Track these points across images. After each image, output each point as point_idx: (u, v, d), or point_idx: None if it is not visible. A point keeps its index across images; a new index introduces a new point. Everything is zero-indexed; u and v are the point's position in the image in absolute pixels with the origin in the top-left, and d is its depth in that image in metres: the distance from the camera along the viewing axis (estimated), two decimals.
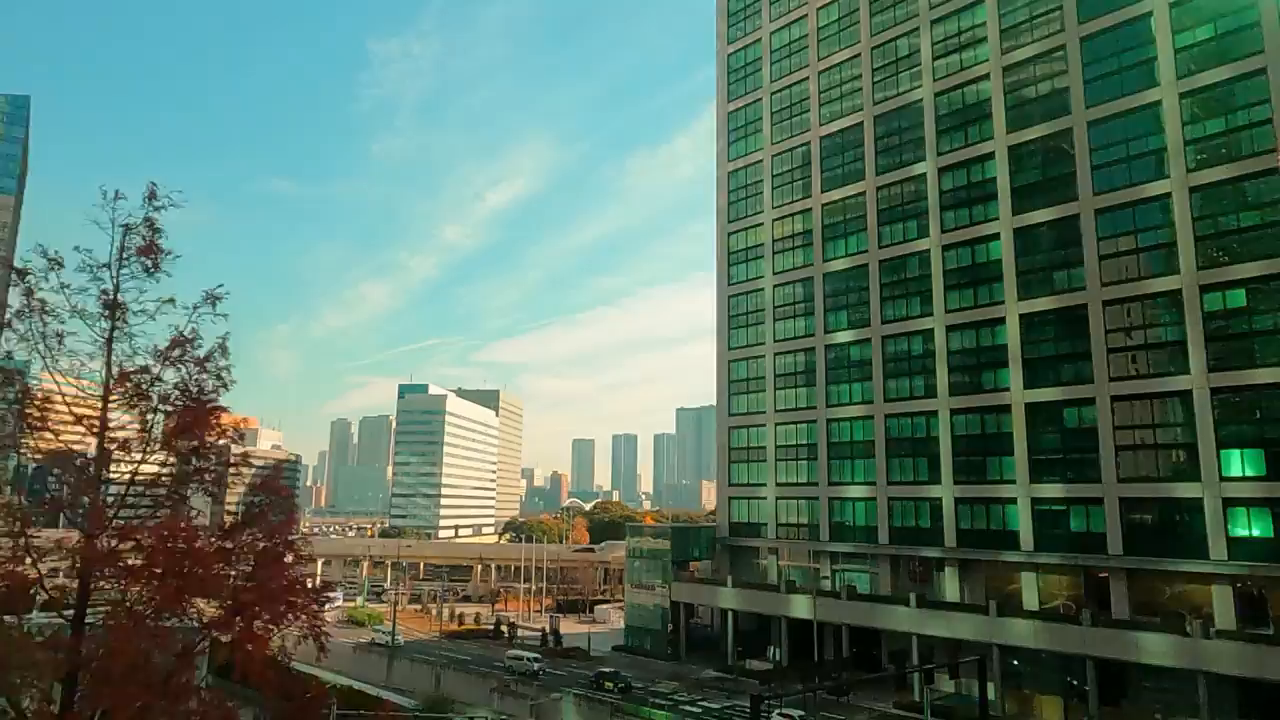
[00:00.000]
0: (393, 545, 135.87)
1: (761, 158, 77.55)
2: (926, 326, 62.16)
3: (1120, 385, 51.58)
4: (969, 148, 61.58)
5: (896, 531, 62.30)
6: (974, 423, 58.87)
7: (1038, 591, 54.47)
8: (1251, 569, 45.40)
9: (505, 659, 65.34)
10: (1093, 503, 52.05)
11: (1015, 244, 57.96)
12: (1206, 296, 48.86)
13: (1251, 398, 46.93)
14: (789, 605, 62.47)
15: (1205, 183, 49.59)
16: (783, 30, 77.75)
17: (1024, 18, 59.84)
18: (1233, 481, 46.64)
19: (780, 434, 71.93)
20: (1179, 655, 43.82)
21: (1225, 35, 50.17)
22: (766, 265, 75.29)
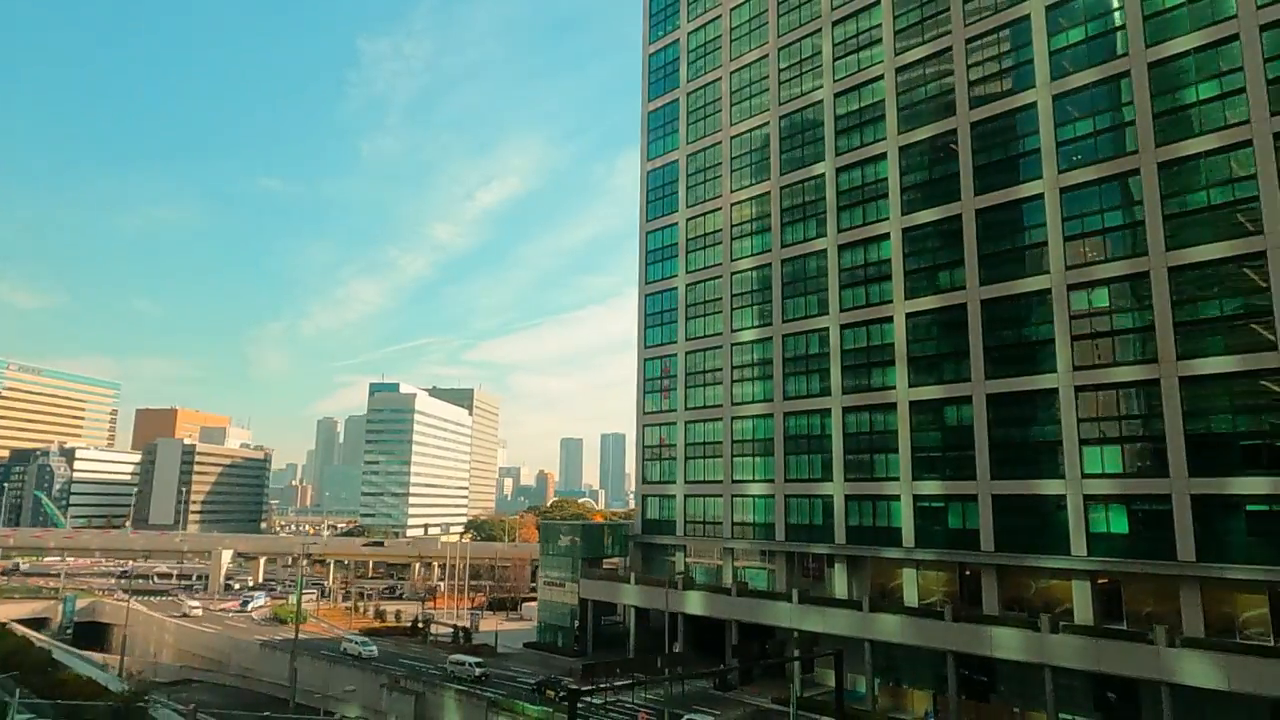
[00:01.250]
0: (336, 543, 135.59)
1: (677, 157, 78.02)
2: (822, 325, 62.71)
3: (994, 384, 52.21)
4: (864, 148, 62.14)
5: (792, 529, 62.85)
6: (863, 421, 59.45)
7: (917, 587, 55.07)
8: (1109, 564, 46.05)
9: (448, 664, 62.31)
10: (968, 500, 52.67)
11: (904, 244, 58.55)
12: (1073, 295, 49.50)
13: (1112, 396, 47.54)
14: (684, 601, 62.92)
15: (1074, 183, 50.22)
16: (699, 31, 78.22)
17: (916, 19, 60.41)
18: (1093, 478, 47.29)
19: (690, 432, 72.42)
20: (1028, 650, 44.44)
21: (1094, 38, 50.81)
22: (680, 265, 75.77)
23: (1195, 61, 46.51)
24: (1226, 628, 42.35)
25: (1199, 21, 46.47)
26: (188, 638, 78.53)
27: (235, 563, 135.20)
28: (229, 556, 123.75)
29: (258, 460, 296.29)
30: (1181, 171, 46.14)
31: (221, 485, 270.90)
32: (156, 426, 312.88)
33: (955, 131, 56.57)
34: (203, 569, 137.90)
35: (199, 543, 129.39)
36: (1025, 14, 53.96)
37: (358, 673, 60.75)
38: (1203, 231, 44.93)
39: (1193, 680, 38.93)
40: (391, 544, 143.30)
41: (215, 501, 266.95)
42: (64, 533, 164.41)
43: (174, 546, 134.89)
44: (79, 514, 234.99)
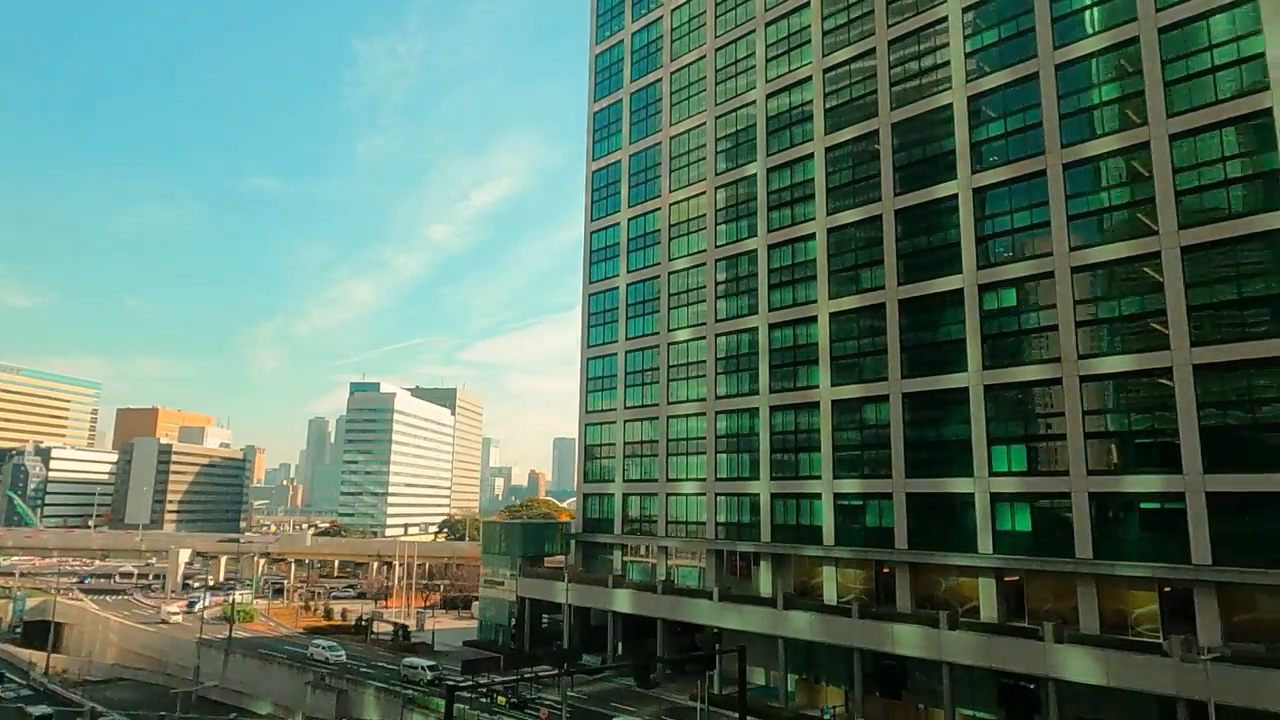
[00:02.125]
0: (297, 541, 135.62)
1: (620, 158, 78.31)
2: (752, 325, 63.05)
3: (910, 383, 52.61)
4: (793, 148, 62.50)
5: (722, 527, 63.18)
6: (789, 420, 59.82)
7: (836, 585, 55.43)
8: (1012, 562, 46.46)
9: (401, 667, 61.50)
10: (884, 498, 53.06)
11: (828, 244, 58.92)
12: (984, 296, 49.92)
13: (1018, 395, 47.97)
14: (613, 599, 63.21)
15: (986, 184, 50.64)
16: (642, 31, 78.53)
17: (843, 20, 60.80)
18: (999, 477, 47.71)
19: (628, 431, 72.71)
20: (927, 647, 44.88)
21: (1006, 40, 51.23)
22: (621, 264, 76.07)
23: (1099, 64, 46.95)
24: (1120, 624, 42.76)
25: (1103, 24, 46.90)
26: (130, 637, 78.58)
27: (200, 563, 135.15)
28: (186, 556, 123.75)
29: (236, 460, 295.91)
30: (1085, 172, 46.58)
31: (200, 485, 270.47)
32: (138, 426, 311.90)
33: (878, 132, 56.97)
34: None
35: (156, 542, 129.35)
36: (944, 15, 54.36)
37: (285, 670, 60.86)
38: (1103, 232, 45.38)
39: (1076, 676, 39.39)
40: (350, 542, 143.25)
41: (193, 501, 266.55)
42: (25, 532, 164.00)
43: (133, 546, 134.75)
44: (54, 514, 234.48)
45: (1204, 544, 39.77)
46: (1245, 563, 38.45)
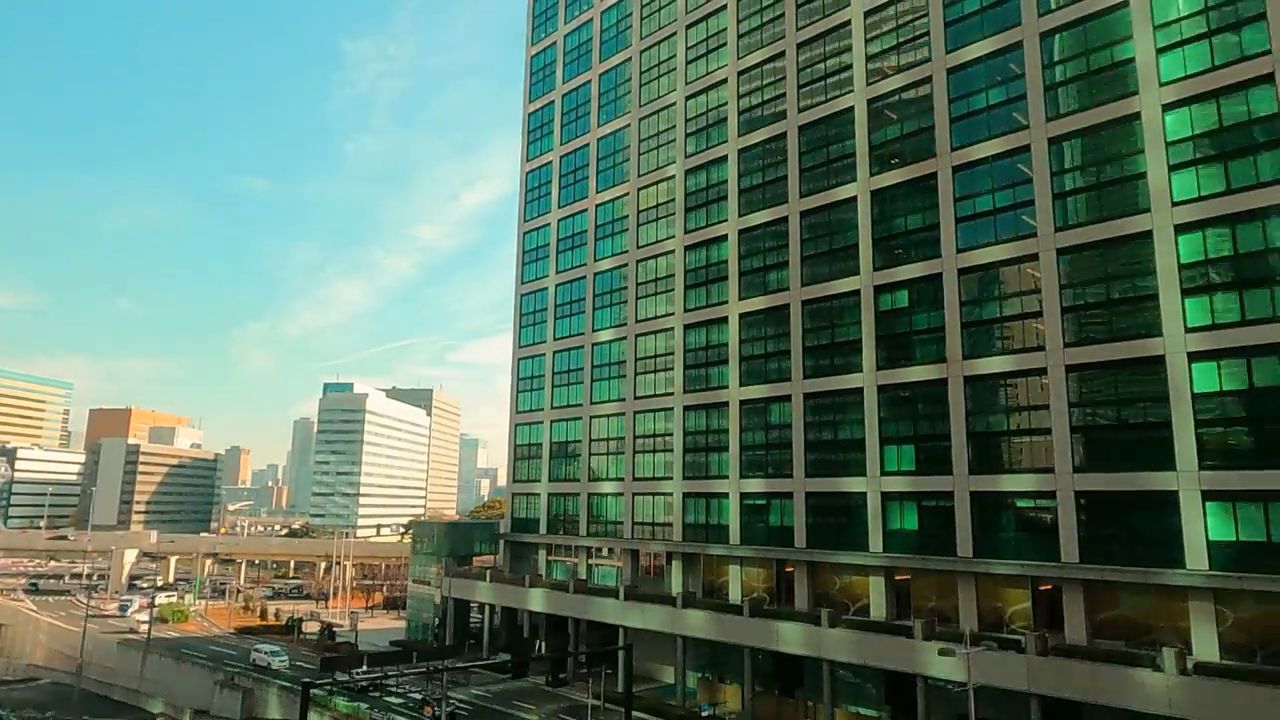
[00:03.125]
0: (246, 541, 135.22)
1: (552, 159, 78.57)
2: (669, 325, 63.40)
3: (811, 383, 53.03)
4: (709, 150, 62.88)
5: (638, 526, 63.45)
6: (700, 420, 60.18)
7: (741, 584, 55.80)
8: (898, 560, 46.92)
9: (336, 674, 58.81)
10: (786, 497, 53.44)
11: (739, 245, 59.32)
12: (880, 297, 50.39)
13: (908, 395, 48.43)
14: (529, 599, 63.43)
15: (883, 186, 51.12)
16: (574, 33, 78.82)
17: (756, 24, 61.23)
18: (890, 476, 48.17)
19: (554, 431, 72.94)
20: (808, 644, 45.25)
21: (903, 44, 51.72)
22: (551, 264, 76.33)
23: (986, 68, 47.48)
24: (996, 622, 43.28)
25: (991, 29, 47.43)
26: (58, 637, 78.38)
27: (148, 563, 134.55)
28: (132, 556, 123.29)
29: (207, 461, 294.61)
30: (972, 175, 47.09)
31: (169, 486, 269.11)
32: (111, 426, 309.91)
33: (786, 135, 57.40)
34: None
35: (102, 542, 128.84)
36: (847, 19, 54.84)
37: (197, 670, 60.82)
38: (988, 234, 45.90)
39: (940, 673, 39.79)
40: (296, 541, 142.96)
41: (163, 502, 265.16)
42: None
43: (79, 547, 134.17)
44: (20, 515, 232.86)
45: (1073, 542, 40.28)
46: (1109, 561, 38.98)
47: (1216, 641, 35.90)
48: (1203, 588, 36.24)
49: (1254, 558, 35.23)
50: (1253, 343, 36.17)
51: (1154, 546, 37.82)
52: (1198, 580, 36.08)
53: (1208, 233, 38.24)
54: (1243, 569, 35.21)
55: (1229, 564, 35.67)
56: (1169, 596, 37.74)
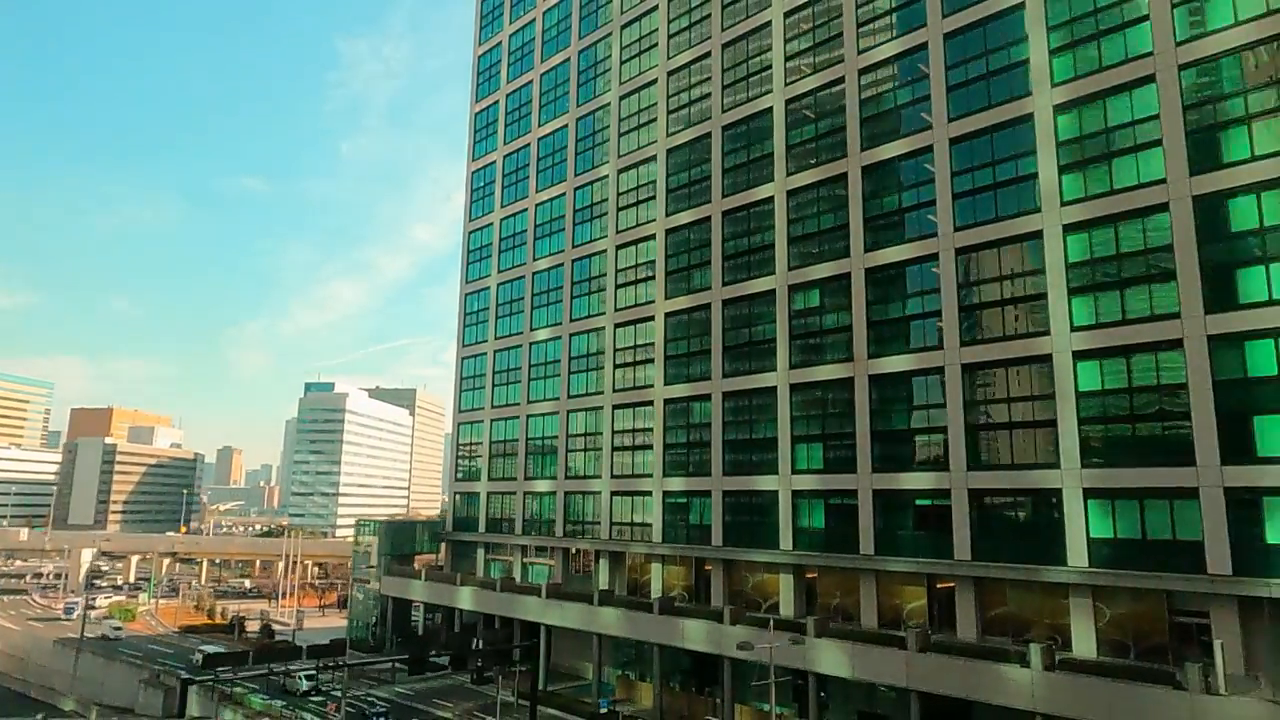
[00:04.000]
0: (206, 541, 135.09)
1: (496, 159, 78.71)
2: (600, 325, 63.61)
3: (729, 382, 53.28)
4: (640, 150, 63.11)
5: (570, 525, 63.63)
6: (628, 418, 60.38)
7: (662, 582, 56.02)
8: (806, 558, 47.21)
9: (285, 680, 58.52)
10: (705, 496, 53.67)
11: (666, 245, 59.54)
12: (794, 296, 50.66)
13: (818, 394, 48.68)
14: (458, 597, 63.59)
15: (798, 186, 51.40)
16: (518, 33, 79.01)
17: (685, 24, 61.45)
18: (800, 474, 48.43)
19: (494, 430, 73.09)
20: (710, 642, 45.47)
21: (820, 44, 51.98)
22: (493, 264, 76.48)
23: (895, 68, 47.78)
24: (895, 619, 43.55)
25: (899, 29, 47.73)
26: (2, 636, 78.26)
27: (119, 562, 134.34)
28: (89, 556, 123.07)
29: (186, 460, 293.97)
30: (881, 175, 47.38)
31: (148, 485, 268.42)
32: (92, 426, 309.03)
33: (711, 134, 57.64)
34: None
35: (59, 541, 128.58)
36: (768, 20, 55.08)
37: (124, 669, 60.89)
38: (893, 234, 46.18)
39: (828, 669, 40.11)
40: (252, 541, 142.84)
41: (141, 501, 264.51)
42: None
43: (38, 545, 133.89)
44: None
45: (965, 540, 40.56)
46: (999, 558, 39.28)
47: (1094, 637, 36.23)
48: (1081, 584, 36.58)
49: (1130, 555, 35.55)
50: (1132, 341, 36.50)
51: (1040, 544, 38.11)
52: (1075, 577, 36.43)
53: (1093, 233, 38.57)
54: (1119, 566, 35.54)
55: (1107, 561, 35.99)
56: (1052, 593, 38.05)
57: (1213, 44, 35.91)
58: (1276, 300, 33.02)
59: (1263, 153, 34.08)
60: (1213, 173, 35.19)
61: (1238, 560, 32.65)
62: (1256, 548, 32.42)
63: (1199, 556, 33.47)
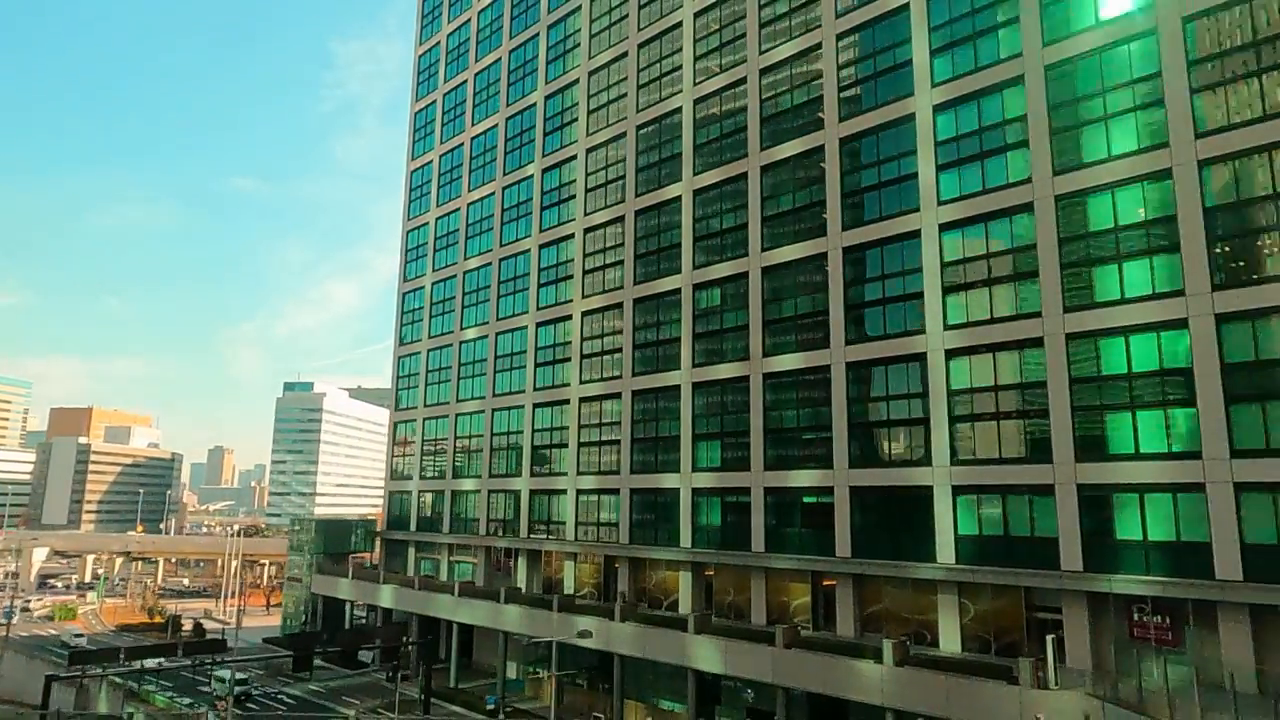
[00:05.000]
0: (162, 540, 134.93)
1: (433, 158, 78.85)
2: (523, 324, 63.79)
3: (638, 380, 53.49)
4: (563, 149, 63.31)
5: (492, 523, 63.79)
6: (546, 417, 60.58)
7: (575, 580, 56.22)
8: (700, 556, 47.44)
9: (212, 680, 58.04)
10: (614, 493, 53.89)
11: (584, 243, 59.75)
12: (698, 294, 50.90)
13: (718, 392, 48.91)
14: (379, 595, 63.71)
15: (703, 186, 51.63)
16: (456, 32, 79.18)
17: (606, 24, 61.68)
18: (700, 472, 48.67)
19: (426, 429, 73.22)
20: (600, 638, 45.59)
21: (726, 45, 52.23)
22: (429, 263, 76.62)
23: (793, 69, 48.04)
24: (783, 616, 43.79)
25: (798, 30, 47.97)
26: None
27: (73, 561, 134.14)
28: (43, 555, 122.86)
29: (163, 460, 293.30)
30: (778, 175, 47.64)
31: (124, 485, 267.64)
32: (71, 426, 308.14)
33: (626, 134, 57.87)
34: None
35: (12, 540, 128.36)
36: (679, 20, 55.33)
37: (42, 665, 60.87)
38: (788, 233, 46.45)
39: (705, 665, 40.33)
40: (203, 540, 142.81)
41: (117, 501, 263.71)
42: None
43: None
44: None
45: (846, 538, 40.84)
46: (876, 555, 39.56)
47: (959, 633, 36.53)
48: (948, 581, 36.88)
49: (993, 552, 35.86)
50: (998, 340, 36.80)
51: (914, 541, 38.39)
52: (940, 574, 36.73)
53: (966, 232, 38.87)
54: (983, 563, 35.84)
55: (972, 558, 36.30)
56: (923, 590, 38.32)
57: (1075, 45, 36.21)
58: (1128, 298, 33.32)
59: (1119, 152, 34.39)
60: (1074, 172, 35.49)
61: (1088, 557, 32.97)
62: (1106, 544, 32.75)
63: (1055, 553, 33.78)
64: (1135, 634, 32.09)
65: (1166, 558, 31.17)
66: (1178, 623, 31.26)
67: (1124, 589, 31.69)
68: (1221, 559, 29.67)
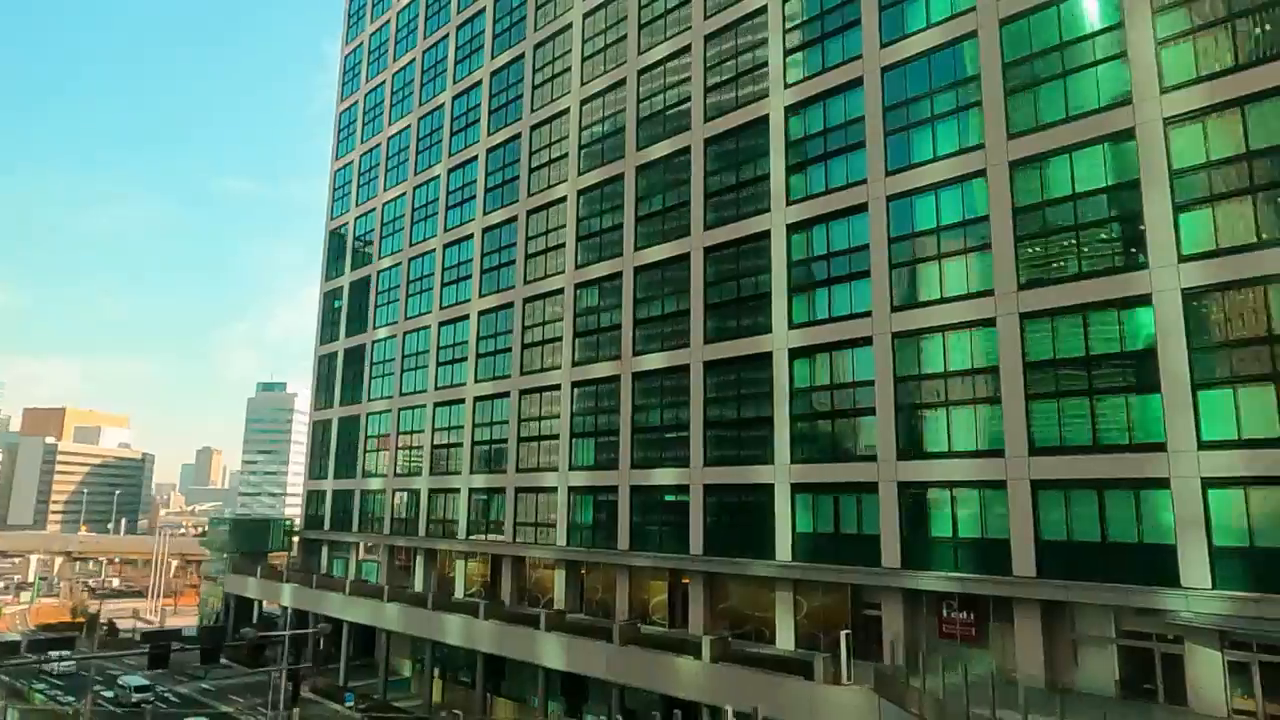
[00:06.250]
0: (105, 540, 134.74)
1: (353, 158, 78.96)
2: (427, 324, 63.94)
3: (525, 380, 53.73)
4: (466, 150, 63.53)
5: (395, 523, 63.93)
6: (445, 416, 60.75)
7: (464, 578, 56.42)
8: (569, 554, 47.70)
9: (115, 686, 57.51)
10: (501, 492, 54.09)
11: (482, 243, 59.96)
12: (579, 293, 51.15)
13: (595, 391, 49.12)
14: (281, 594, 63.77)
15: (586, 186, 51.88)
16: (377, 33, 79.33)
17: (505, 26, 61.92)
18: (577, 471, 48.90)
19: (340, 428, 73.28)
20: (463, 636, 45.87)
21: (609, 45, 52.49)
22: (347, 263, 76.70)
23: (667, 69, 48.32)
24: (644, 613, 44.04)
25: (671, 30, 48.25)
26: None
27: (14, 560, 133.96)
28: None
29: (133, 460, 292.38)
30: (651, 175, 47.92)
31: (91, 485, 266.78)
32: (45, 426, 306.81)
33: (521, 135, 58.13)
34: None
35: None
36: (570, 22, 55.56)
37: None
38: (656, 233, 46.74)
39: (550, 662, 40.57)
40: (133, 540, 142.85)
41: (88, 500, 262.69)
42: None
43: None
44: None
45: (699, 536, 41.11)
46: (725, 553, 39.82)
47: (793, 630, 36.83)
48: (784, 578, 37.18)
49: (825, 549, 36.20)
50: (834, 339, 37.12)
51: (758, 539, 38.65)
52: (774, 571, 37.03)
53: (811, 232, 39.19)
54: (816, 560, 36.15)
55: (807, 555, 36.61)
56: (764, 587, 38.60)
57: (908, 47, 36.57)
58: (947, 298, 33.68)
59: (943, 152, 34.76)
60: (904, 173, 35.84)
61: (906, 554, 33.31)
62: (921, 542, 33.08)
63: (878, 550, 34.11)
64: (944, 630, 32.45)
65: (973, 555, 31.52)
66: (981, 619, 31.62)
67: (931, 586, 32.06)
68: (1019, 556, 30.02)
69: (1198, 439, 26.60)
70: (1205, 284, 27.14)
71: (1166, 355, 27.50)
